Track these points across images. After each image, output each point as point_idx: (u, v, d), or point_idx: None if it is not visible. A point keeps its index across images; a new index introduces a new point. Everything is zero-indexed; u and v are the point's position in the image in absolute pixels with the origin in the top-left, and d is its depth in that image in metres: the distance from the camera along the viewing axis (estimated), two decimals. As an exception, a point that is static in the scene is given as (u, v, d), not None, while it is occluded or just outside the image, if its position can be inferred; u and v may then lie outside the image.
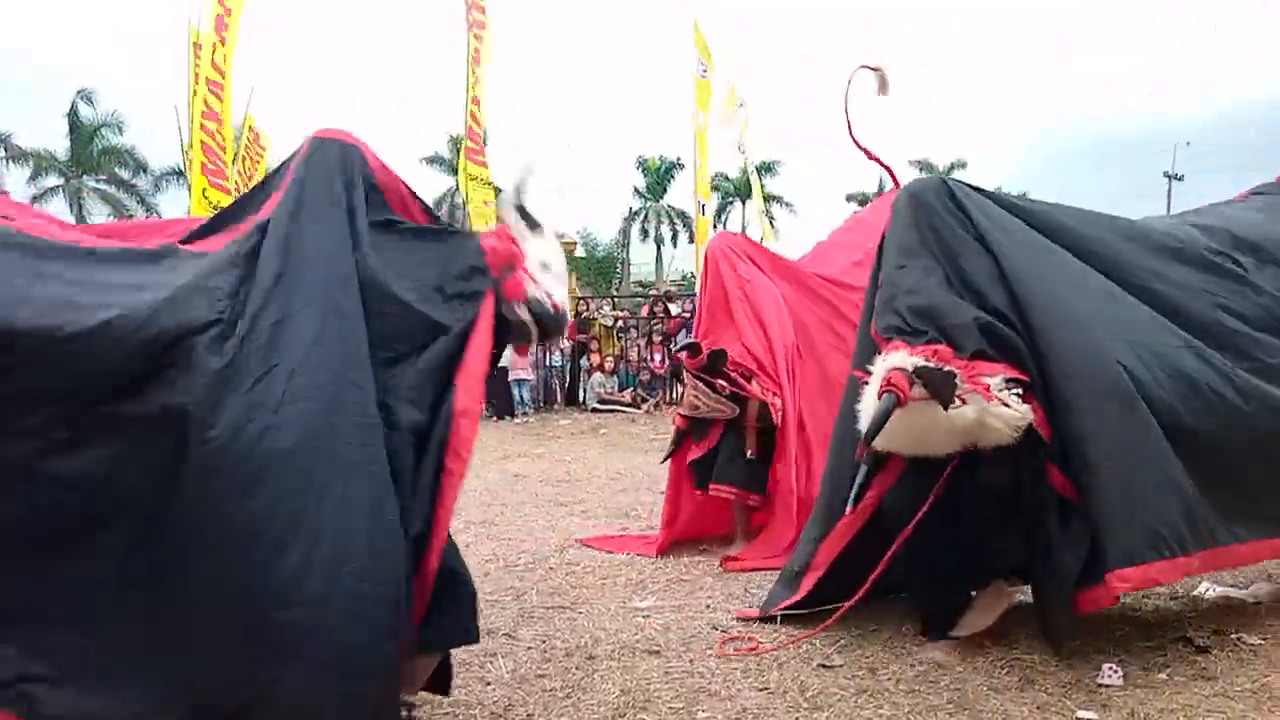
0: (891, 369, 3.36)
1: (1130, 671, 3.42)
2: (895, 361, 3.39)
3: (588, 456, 9.94)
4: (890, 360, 3.42)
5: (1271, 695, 3.19)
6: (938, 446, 3.45)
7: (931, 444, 3.44)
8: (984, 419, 3.31)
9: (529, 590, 4.81)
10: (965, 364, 3.38)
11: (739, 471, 5.44)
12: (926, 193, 3.85)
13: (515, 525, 6.51)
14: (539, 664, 3.72)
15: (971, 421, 3.31)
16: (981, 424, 3.32)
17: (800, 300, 5.81)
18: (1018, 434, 3.37)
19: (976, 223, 3.75)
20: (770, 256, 6.03)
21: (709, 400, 5.44)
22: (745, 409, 5.41)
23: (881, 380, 3.36)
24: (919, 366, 3.32)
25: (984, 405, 3.31)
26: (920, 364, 3.33)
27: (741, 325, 5.55)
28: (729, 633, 4.04)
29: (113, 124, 34.78)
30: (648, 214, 48.15)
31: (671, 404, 15.29)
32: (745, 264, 5.73)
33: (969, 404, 3.29)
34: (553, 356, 15.29)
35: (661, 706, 3.27)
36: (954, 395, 3.26)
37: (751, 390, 5.35)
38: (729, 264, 5.70)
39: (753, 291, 5.63)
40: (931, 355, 3.38)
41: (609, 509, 6.98)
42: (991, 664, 3.57)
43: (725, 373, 5.36)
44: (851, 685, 3.41)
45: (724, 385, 5.38)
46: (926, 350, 3.41)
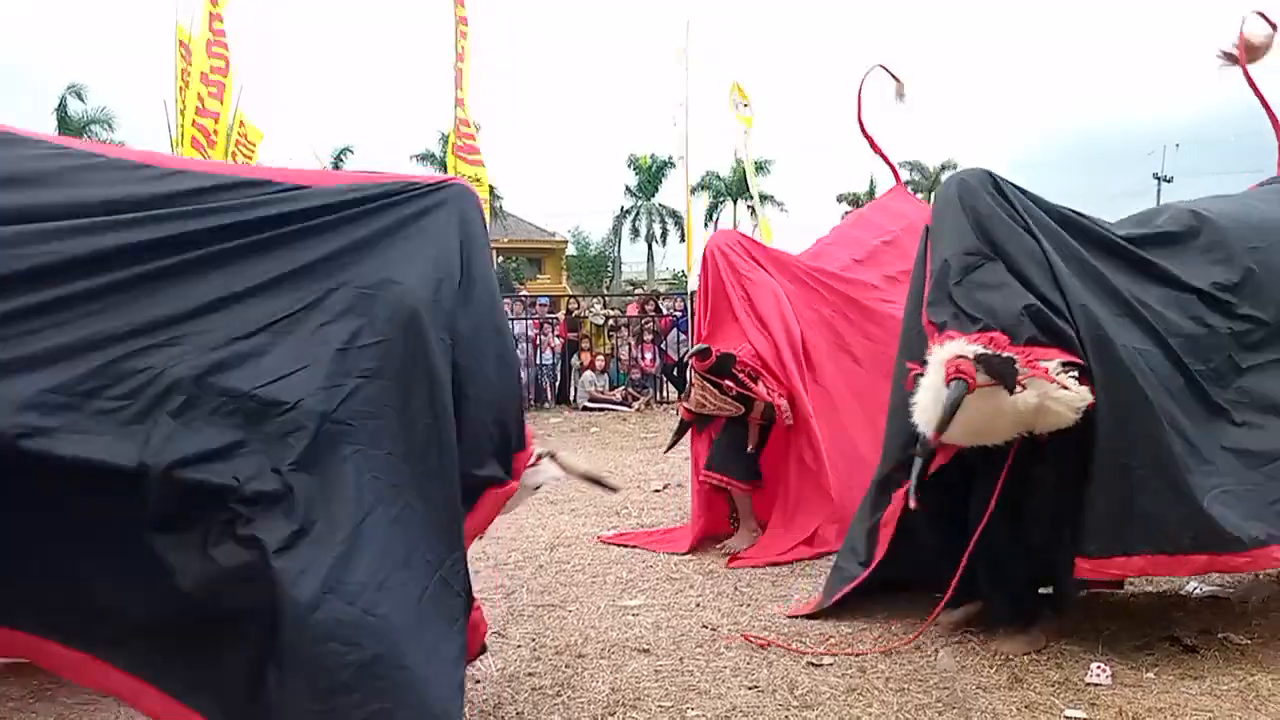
0: (953, 357, 3.37)
1: (1118, 670, 3.44)
2: (954, 350, 3.41)
3: (578, 455, 9.91)
4: (949, 349, 3.44)
5: (1258, 694, 3.21)
6: (999, 434, 3.46)
7: (993, 431, 3.45)
8: (1045, 402, 3.34)
9: (519, 588, 4.81)
10: (1022, 350, 3.40)
11: (735, 462, 5.53)
12: (973, 182, 3.87)
13: (504, 523, 6.46)
14: (529, 662, 3.72)
15: (1033, 406, 3.33)
16: (1042, 408, 3.35)
17: (801, 297, 5.83)
18: (1078, 415, 3.39)
19: (1020, 211, 3.81)
20: (770, 253, 6.04)
21: (716, 400, 5.49)
22: (751, 408, 5.46)
23: (947, 369, 3.35)
24: (979, 354, 3.34)
25: (1045, 388, 3.33)
26: (980, 351, 3.36)
27: (744, 324, 5.59)
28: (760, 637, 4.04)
29: (102, 120, 34.57)
30: (639, 212, 48.10)
31: (663, 403, 15.32)
32: (745, 261, 5.76)
33: (1030, 389, 3.31)
34: (543, 355, 15.27)
35: (651, 704, 3.27)
36: (1017, 380, 3.28)
37: (758, 391, 5.40)
38: (728, 262, 5.72)
39: (753, 289, 5.66)
40: (989, 342, 3.41)
41: (598, 507, 6.97)
42: (980, 663, 3.58)
43: (733, 374, 5.41)
44: (841, 684, 3.41)
45: (731, 386, 5.42)
46: (983, 338, 3.43)
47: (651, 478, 8.20)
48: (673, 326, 15.81)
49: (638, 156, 47.51)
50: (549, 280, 44.93)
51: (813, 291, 5.90)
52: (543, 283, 42.62)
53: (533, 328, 15.51)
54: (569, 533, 6.10)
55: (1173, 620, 3.97)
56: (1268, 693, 3.22)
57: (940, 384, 3.38)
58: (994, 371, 3.28)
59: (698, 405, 5.62)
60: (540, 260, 47.53)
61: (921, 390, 3.50)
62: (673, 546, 5.63)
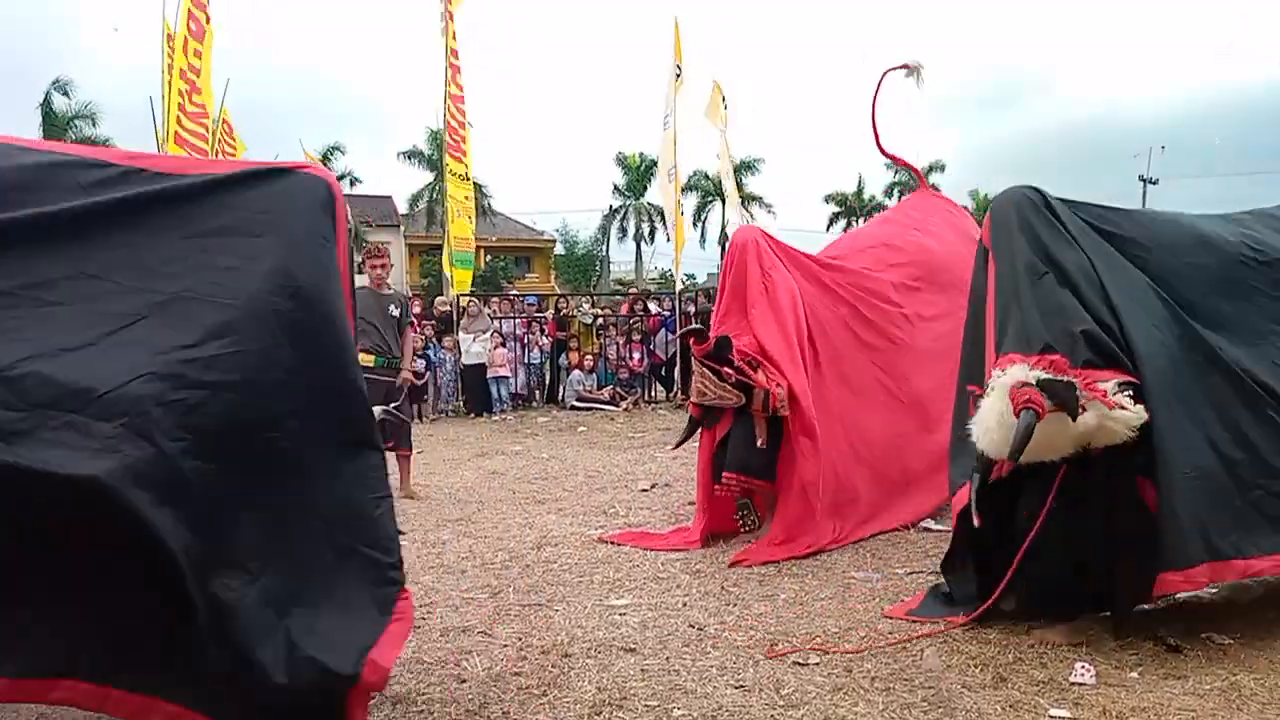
0: (1017, 384, 3.48)
1: (1102, 670, 3.45)
2: (1018, 375, 3.52)
3: (565, 454, 9.91)
4: (1011, 374, 3.54)
5: (1241, 694, 3.23)
6: (1057, 451, 3.57)
7: (1053, 450, 3.56)
8: (1104, 423, 3.46)
9: (505, 588, 4.79)
10: (1079, 372, 3.51)
11: (752, 460, 5.50)
12: (1024, 199, 3.97)
13: (492, 523, 6.49)
14: (515, 661, 3.71)
15: (1092, 427, 3.46)
16: (1100, 428, 3.47)
17: (819, 297, 5.86)
18: (1133, 433, 3.50)
19: (1070, 229, 3.92)
20: (790, 252, 6.05)
21: (715, 388, 5.47)
22: (751, 397, 5.43)
23: (1016, 397, 3.45)
24: (1043, 380, 3.47)
25: (1103, 410, 3.45)
26: (1042, 377, 3.48)
27: (757, 317, 5.61)
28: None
29: (87, 115, 34.30)
30: (627, 212, 48.05)
31: (650, 402, 15.31)
32: (768, 256, 5.79)
33: (1089, 410, 3.44)
34: (531, 354, 15.25)
35: (637, 704, 3.27)
36: (1078, 405, 3.41)
37: (757, 379, 5.39)
38: (755, 256, 5.75)
39: (773, 285, 5.69)
40: (1049, 366, 3.52)
41: (586, 507, 6.96)
42: (966, 662, 3.59)
43: (731, 361, 5.41)
44: (827, 683, 3.41)
45: (730, 373, 5.42)
46: (1044, 361, 3.54)
47: (639, 477, 8.20)
48: (661, 326, 15.79)
49: (626, 155, 47.47)
50: (537, 279, 44.86)
51: (830, 292, 5.95)
52: (531, 282, 42.55)
53: (520, 326, 15.48)
54: (556, 532, 6.09)
55: (1157, 621, 3.99)
56: (1250, 692, 3.24)
57: (1006, 409, 3.48)
58: (1058, 398, 3.41)
59: (698, 394, 5.63)
60: (528, 259, 47.46)
61: (984, 411, 3.62)
62: (681, 544, 5.64)
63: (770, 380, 5.38)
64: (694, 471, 8.21)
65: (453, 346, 14.22)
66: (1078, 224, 3.99)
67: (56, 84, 33.54)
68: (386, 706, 3.29)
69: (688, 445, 6.18)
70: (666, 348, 15.59)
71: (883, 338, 6.04)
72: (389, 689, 3.42)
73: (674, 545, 5.63)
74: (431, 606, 4.50)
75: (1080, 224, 4.01)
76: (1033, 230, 3.87)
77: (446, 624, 4.22)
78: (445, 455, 10.04)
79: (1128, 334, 3.68)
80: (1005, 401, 3.49)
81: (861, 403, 5.85)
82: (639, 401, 15.13)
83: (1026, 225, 3.89)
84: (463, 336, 14.32)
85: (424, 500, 7.40)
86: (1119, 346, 3.64)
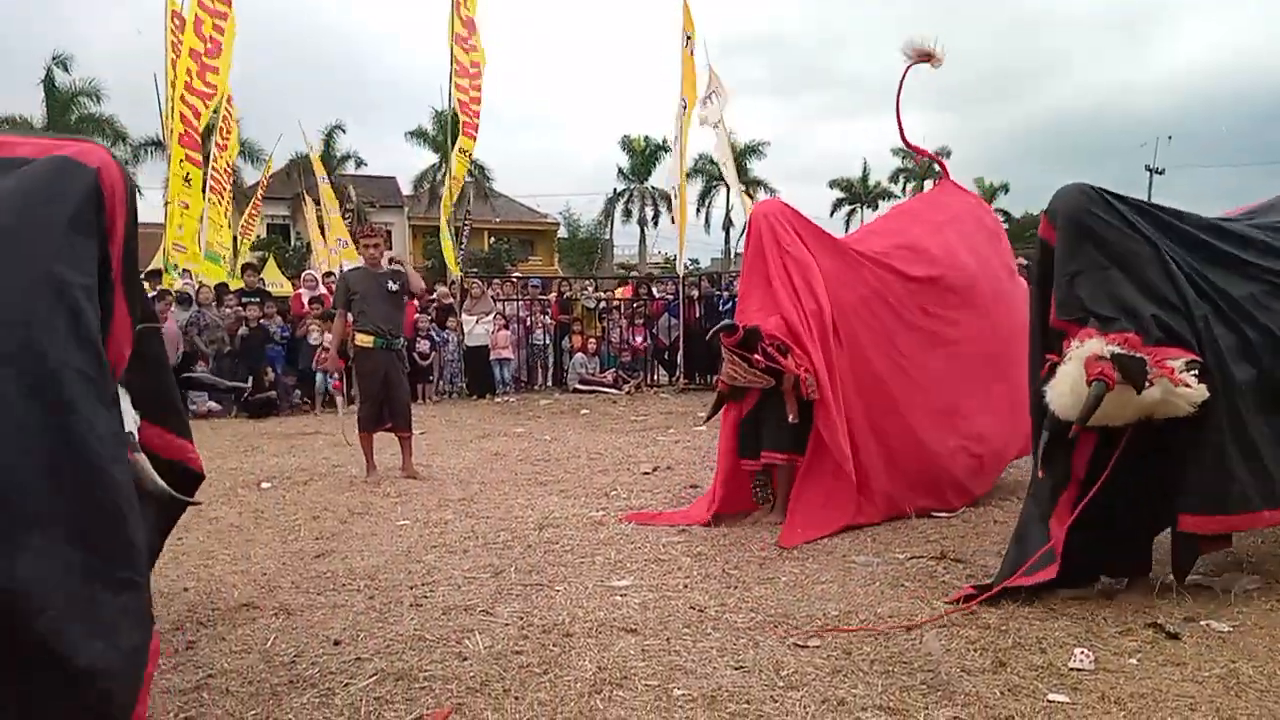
0: (1092, 356, 3.83)
1: (1101, 656, 3.46)
2: (1094, 349, 3.86)
3: (568, 437, 9.93)
4: (1089, 347, 3.89)
5: (1240, 681, 3.24)
6: (1122, 419, 3.94)
7: (1118, 418, 3.93)
8: (1168, 398, 3.82)
9: (507, 568, 4.81)
10: (1151, 350, 3.86)
11: (788, 437, 5.64)
12: (1086, 195, 4.22)
13: (494, 503, 6.51)
14: (516, 640, 3.72)
15: (1157, 400, 3.82)
16: (1164, 401, 3.84)
17: (840, 277, 5.86)
18: (1194, 409, 3.87)
19: (1132, 220, 4.20)
20: (813, 230, 6.06)
21: (745, 373, 5.62)
22: (780, 380, 5.56)
23: (1089, 367, 3.81)
24: (1115, 354, 3.80)
25: (1169, 386, 3.81)
26: (1116, 351, 3.81)
27: (779, 293, 5.67)
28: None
29: (90, 92, 34.20)
30: (631, 195, 47.94)
31: (653, 386, 15.33)
32: (788, 234, 5.81)
33: (1155, 385, 3.79)
34: (535, 336, 15.26)
35: (638, 683, 3.28)
36: (1145, 380, 3.76)
37: (787, 365, 5.49)
38: (771, 232, 5.80)
39: (791, 262, 5.72)
40: (1123, 342, 3.85)
41: (588, 489, 6.98)
42: (965, 647, 3.60)
43: (762, 348, 5.52)
44: (827, 665, 3.43)
45: (759, 360, 5.53)
46: (1119, 338, 3.88)
47: (641, 460, 8.22)
48: (664, 310, 15.78)
49: (631, 138, 47.30)
50: (540, 262, 44.82)
51: (854, 273, 5.94)
52: (534, 264, 42.51)
53: (524, 309, 15.48)
54: (558, 513, 6.11)
55: (1156, 607, 4.00)
56: (1249, 679, 3.25)
57: (1080, 378, 3.84)
58: (1127, 372, 3.75)
59: (729, 378, 5.77)
60: (531, 242, 47.40)
61: (1059, 378, 3.96)
62: (694, 519, 5.77)
63: (800, 366, 5.46)
64: (696, 455, 8.29)
65: (456, 328, 14.23)
66: (1137, 217, 4.26)
67: (57, 59, 33.43)
68: (389, 683, 3.31)
69: (688, 429, 6.22)
70: (670, 331, 15.59)
71: (903, 322, 6.06)
72: (391, 665, 3.45)
73: (691, 519, 5.76)
74: (434, 585, 4.53)
75: (1139, 217, 4.28)
76: (1101, 222, 4.14)
77: (449, 602, 4.24)
78: (448, 436, 10.07)
79: (1193, 317, 4.02)
80: (1081, 370, 3.84)
81: (880, 386, 5.88)
82: (641, 385, 15.15)
83: (1093, 217, 4.15)
84: (466, 318, 14.33)
85: (426, 481, 7.42)
86: (1187, 329, 3.98)
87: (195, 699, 3.22)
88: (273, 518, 6.17)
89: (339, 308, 7.69)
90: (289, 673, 3.43)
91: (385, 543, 5.44)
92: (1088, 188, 4.24)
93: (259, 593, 4.47)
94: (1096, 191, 4.23)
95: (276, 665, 3.51)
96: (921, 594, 4.28)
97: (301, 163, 30.54)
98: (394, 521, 6.02)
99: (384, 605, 4.23)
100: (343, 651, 3.64)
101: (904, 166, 47.68)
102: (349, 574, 4.77)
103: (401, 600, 4.29)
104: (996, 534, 5.38)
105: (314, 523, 6.02)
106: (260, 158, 30.13)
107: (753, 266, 5.91)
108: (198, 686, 3.32)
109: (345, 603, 4.28)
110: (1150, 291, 4.05)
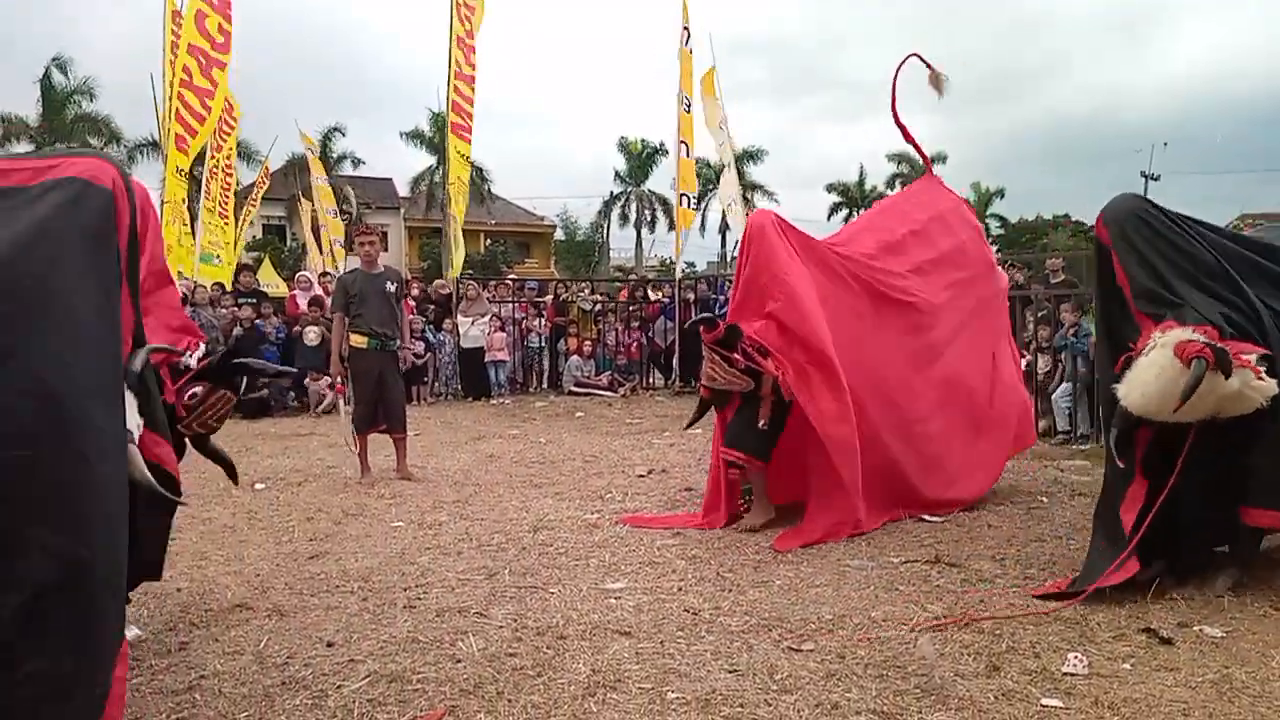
0: (1182, 341, 3.88)
1: (1094, 661, 3.47)
2: (1181, 335, 3.93)
3: (563, 439, 9.92)
4: (1174, 334, 3.95)
5: (1233, 686, 3.24)
6: (1198, 413, 3.97)
7: (1195, 410, 3.94)
8: (1244, 390, 3.89)
9: (501, 570, 4.81)
10: (1229, 343, 3.93)
11: (750, 439, 5.65)
12: (1140, 203, 4.43)
13: (488, 505, 6.50)
14: (510, 642, 3.72)
15: (1234, 392, 3.88)
16: (1240, 394, 3.90)
17: (827, 285, 5.87)
18: (1266, 403, 3.94)
19: (1186, 229, 4.38)
20: (801, 238, 6.07)
21: (725, 373, 5.62)
22: (760, 383, 5.58)
23: (1185, 350, 3.84)
24: (1205, 342, 3.85)
25: (1248, 378, 3.89)
26: (1203, 340, 3.86)
27: (774, 301, 5.65)
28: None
29: (85, 91, 34.15)
30: (628, 198, 47.95)
31: (649, 389, 15.33)
32: (783, 243, 5.82)
33: (1235, 376, 3.85)
34: (530, 339, 15.24)
35: (631, 686, 3.28)
36: (1232, 368, 3.82)
37: (766, 366, 5.50)
38: (765, 241, 5.76)
39: (784, 271, 5.71)
40: (1205, 333, 3.92)
41: (583, 491, 6.98)
42: (959, 651, 3.60)
43: (742, 347, 5.54)
44: (821, 669, 3.43)
45: (739, 360, 5.54)
46: (1202, 329, 3.94)
47: (636, 463, 8.21)
48: (660, 314, 15.78)
49: (628, 140, 47.32)
50: (536, 264, 44.82)
51: (840, 279, 5.96)
52: (530, 267, 42.50)
53: (520, 311, 15.46)
54: (552, 516, 6.10)
55: (1149, 612, 4.01)
56: (1242, 685, 3.25)
57: (1167, 364, 3.88)
58: (1219, 357, 3.80)
59: (708, 379, 5.77)
60: (527, 244, 47.39)
61: (1141, 369, 4.00)
62: (702, 524, 5.75)
63: (779, 367, 5.46)
64: (691, 459, 8.28)
65: (452, 329, 14.22)
66: (1188, 225, 4.42)
67: (56, 60, 33.40)
68: (382, 684, 3.30)
69: (683, 432, 6.25)
70: (665, 335, 15.59)
71: (892, 326, 6.07)
72: (385, 667, 3.44)
73: (697, 524, 5.76)
74: (428, 587, 4.52)
75: (1189, 225, 4.43)
76: (1155, 231, 4.29)
77: (442, 604, 4.23)
78: (442, 438, 10.05)
79: (1260, 317, 4.13)
80: (1169, 357, 3.87)
81: (873, 392, 5.87)
82: (637, 388, 15.15)
83: (1148, 226, 4.30)
84: (461, 320, 14.31)
85: (420, 482, 7.41)
86: (1253, 329, 4.10)
87: (188, 700, 3.20)
88: (266, 519, 6.15)
89: (337, 311, 7.63)
90: (282, 674, 3.42)
91: (379, 544, 5.43)
92: (1140, 197, 4.47)
93: (252, 594, 4.46)
94: (1149, 201, 4.44)
95: (269, 667, 3.50)
96: (916, 598, 4.28)
97: (298, 163, 30.53)
98: (388, 523, 6.00)
99: (378, 607, 4.22)
100: (336, 653, 3.63)
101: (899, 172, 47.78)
102: (343, 575, 4.76)
103: (395, 602, 4.28)
104: (990, 538, 5.39)
105: (308, 524, 6.01)
106: (257, 158, 30.11)
107: (751, 277, 5.85)
108: (190, 687, 3.31)
109: (339, 604, 4.27)
110: (1214, 291, 4.18)
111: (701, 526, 5.72)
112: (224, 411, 3.71)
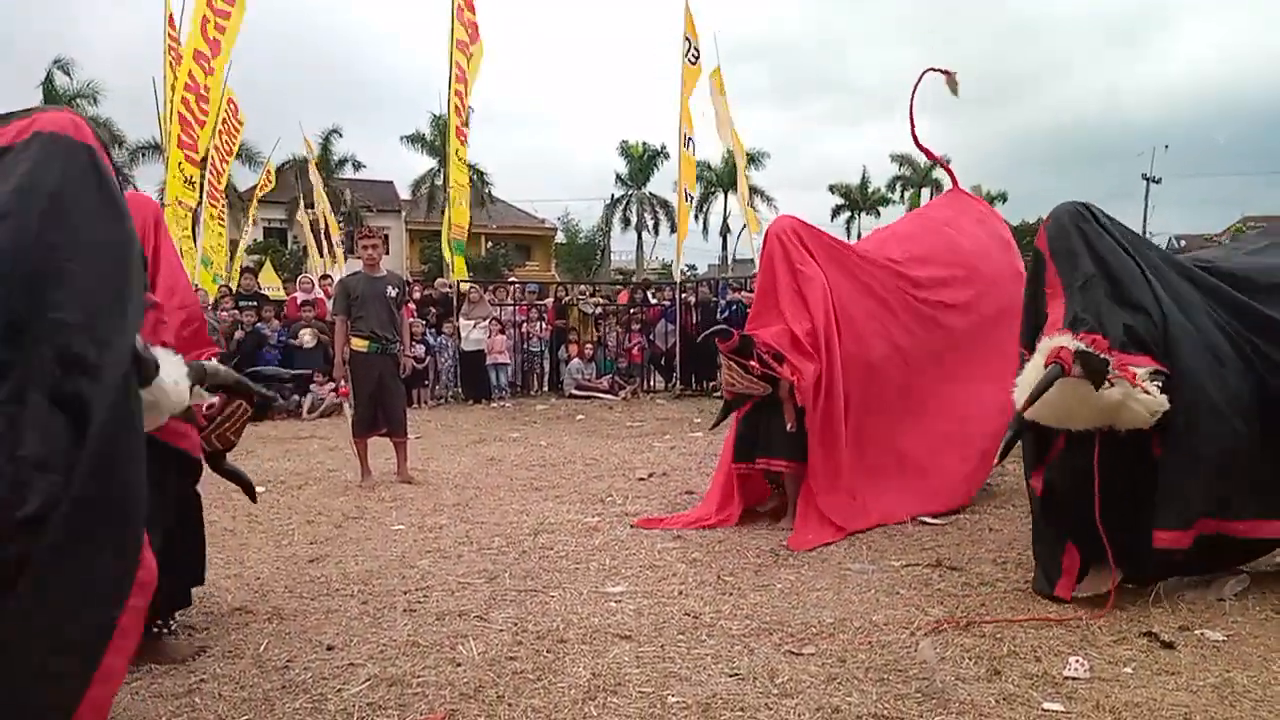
0: (1057, 347, 3.94)
1: (1096, 664, 3.46)
2: (1060, 341, 3.99)
3: (563, 442, 9.92)
4: (1055, 340, 4.01)
5: (1234, 690, 3.24)
6: (1079, 421, 4.01)
7: (1075, 418, 4.00)
8: (1127, 402, 3.88)
9: (502, 573, 4.80)
10: (1117, 354, 3.95)
11: (785, 446, 5.77)
12: (1078, 212, 4.44)
13: (489, 509, 6.50)
14: (510, 646, 3.71)
15: (1115, 403, 3.88)
16: (1124, 406, 3.88)
17: (850, 291, 5.99)
18: (1154, 419, 3.93)
19: (1116, 235, 4.41)
20: (825, 243, 6.18)
21: (742, 380, 5.76)
22: (777, 387, 5.72)
23: (1050, 355, 3.92)
24: (1080, 349, 3.90)
25: (1129, 390, 3.87)
26: (1081, 347, 3.91)
27: (788, 309, 5.82)
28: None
29: (88, 94, 34.14)
30: (629, 201, 47.96)
31: (649, 392, 15.32)
32: (799, 251, 5.93)
33: (1116, 386, 3.86)
34: (531, 343, 15.24)
35: (631, 690, 3.27)
36: (1105, 378, 3.84)
37: (782, 372, 5.66)
38: (783, 249, 5.93)
39: (804, 281, 5.85)
40: (1091, 343, 3.95)
41: (583, 495, 6.97)
42: (960, 654, 3.59)
43: (757, 354, 5.68)
44: (821, 673, 3.42)
45: (755, 366, 5.69)
46: (1087, 338, 3.98)
47: (636, 466, 8.21)
48: (661, 317, 15.78)
49: (629, 144, 47.33)
50: (537, 267, 44.82)
51: (863, 285, 6.09)
52: (530, 270, 42.51)
53: (520, 314, 15.46)
54: (553, 519, 6.10)
55: (1150, 616, 4.00)
56: (1243, 689, 3.25)
57: (1041, 367, 3.95)
58: (1088, 365, 3.84)
59: (727, 385, 5.94)
60: (528, 247, 47.39)
61: (1026, 371, 4.11)
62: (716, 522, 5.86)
63: (794, 373, 5.60)
64: (692, 461, 8.29)
65: (453, 332, 14.22)
66: (1123, 235, 4.46)
67: (58, 62, 33.40)
68: (382, 688, 3.29)
69: (684, 435, 6.29)
70: (666, 338, 15.59)
71: (912, 331, 6.21)
72: (385, 671, 3.44)
73: (711, 523, 5.85)
74: (428, 590, 4.51)
75: (1124, 235, 4.47)
76: (1086, 239, 4.32)
77: (443, 608, 4.22)
78: (443, 441, 10.05)
79: (1170, 330, 4.08)
80: (1043, 360, 3.95)
81: (885, 397, 6.01)
82: (638, 391, 15.15)
83: (1080, 234, 4.34)
84: (463, 323, 14.31)
85: (421, 486, 7.40)
86: (1158, 342, 4.05)
87: (187, 704, 3.20)
88: (266, 522, 6.15)
89: (339, 314, 7.62)
90: (281, 678, 3.42)
91: (379, 548, 5.43)
92: (1083, 205, 4.47)
93: (252, 597, 4.46)
94: (1089, 209, 4.45)
95: (269, 670, 3.50)
96: (917, 601, 4.27)
97: (299, 166, 30.51)
98: (388, 526, 6.00)
99: (377, 610, 4.21)
100: (336, 657, 3.63)
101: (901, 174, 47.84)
102: (343, 579, 4.75)
103: (395, 606, 4.28)
104: (991, 541, 5.38)
105: (308, 527, 6.00)
106: (257, 160, 30.10)
107: (765, 286, 6.04)
108: (190, 691, 3.31)
109: (339, 608, 4.27)
110: (1128, 302, 4.16)
111: (716, 525, 5.81)
112: (242, 423, 3.68)
